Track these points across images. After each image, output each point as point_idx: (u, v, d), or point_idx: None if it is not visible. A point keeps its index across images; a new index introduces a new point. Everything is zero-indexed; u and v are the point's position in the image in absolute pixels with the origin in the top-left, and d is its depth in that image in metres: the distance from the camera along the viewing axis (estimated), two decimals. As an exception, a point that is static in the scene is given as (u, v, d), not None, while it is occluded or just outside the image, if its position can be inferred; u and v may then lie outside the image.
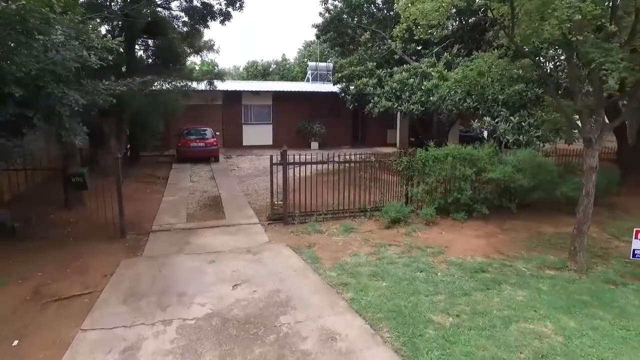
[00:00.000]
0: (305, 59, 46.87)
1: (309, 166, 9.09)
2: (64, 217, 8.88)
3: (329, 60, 30.66)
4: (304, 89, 22.22)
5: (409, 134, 21.59)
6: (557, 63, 11.35)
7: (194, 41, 17.54)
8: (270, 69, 48.31)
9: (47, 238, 7.50)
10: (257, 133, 22.03)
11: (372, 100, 14.19)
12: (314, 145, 22.29)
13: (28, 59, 5.40)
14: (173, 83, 15.36)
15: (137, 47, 15.12)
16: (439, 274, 6.03)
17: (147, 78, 8.91)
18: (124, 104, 11.62)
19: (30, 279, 5.79)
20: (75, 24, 6.47)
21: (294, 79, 44.12)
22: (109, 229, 7.92)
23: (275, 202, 8.71)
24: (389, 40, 16.12)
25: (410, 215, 8.77)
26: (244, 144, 21.88)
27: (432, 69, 13.47)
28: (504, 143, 10.94)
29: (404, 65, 14.78)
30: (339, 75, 16.11)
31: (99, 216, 8.40)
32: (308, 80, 26.57)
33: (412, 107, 13.35)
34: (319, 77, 25.98)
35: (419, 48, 16.35)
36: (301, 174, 9.34)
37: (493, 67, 7.42)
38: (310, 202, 8.88)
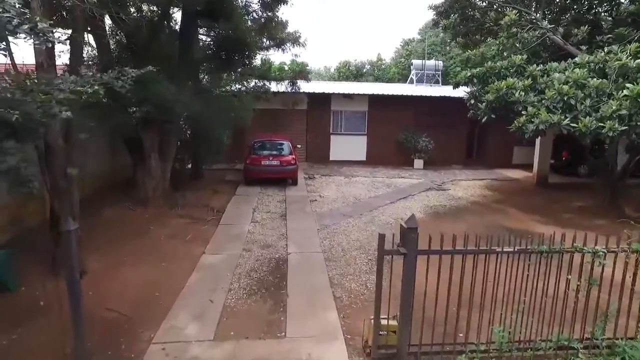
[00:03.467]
0: (403, 59, 42.07)
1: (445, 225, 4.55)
2: (34, 298, 5.44)
3: (436, 58, 25.65)
4: (408, 93, 17.64)
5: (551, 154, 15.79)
6: None
7: (275, 31, 14.02)
8: (364, 70, 44.15)
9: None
10: (348, 145, 17.91)
11: (524, 112, 9.21)
12: (418, 163, 17.62)
13: None
14: (242, 82, 11.93)
15: (202, 37, 11.84)
16: None
17: (146, 69, 5.05)
18: (166, 110, 8.17)
19: None
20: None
21: (390, 80, 39.52)
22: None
23: (385, 320, 4.32)
24: (544, 23, 11.01)
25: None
26: (331, 158, 17.90)
27: None
28: None
29: (576, 58, 9.60)
30: (467, 74, 11.29)
31: (88, 299, 4.81)
32: (412, 82, 21.87)
33: (598, 124, 8.14)
34: (424, 79, 21.17)
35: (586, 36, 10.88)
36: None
37: None
38: (453, 309, 4.34)
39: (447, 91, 18.80)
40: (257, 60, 11.66)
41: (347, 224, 9.15)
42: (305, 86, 15.55)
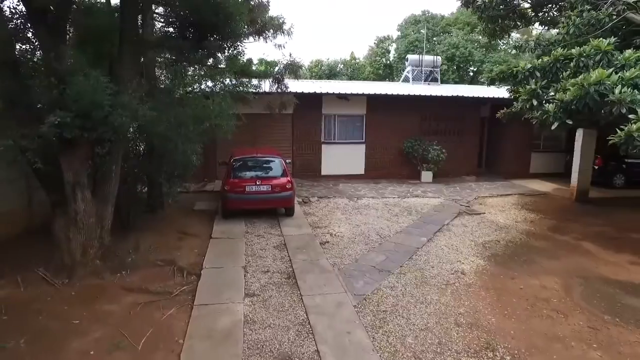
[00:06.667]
0: (378, 58, 39.67)
1: None
2: None
3: (434, 53, 23.03)
4: (415, 92, 14.72)
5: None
6: None
7: (255, 14, 10.76)
8: (338, 69, 41.30)
9: None
10: (343, 157, 14.78)
11: (632, 117, 6.40)
12: (426, 176, 14.77)
13: None
14: (217, 79, 8.62)
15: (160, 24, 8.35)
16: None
17: None
18: (99, 121, 4.73)
19: None
20: None
21: (365, 79, 36.93)
22: None
23: None
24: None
25: None
26: (324, 172, 14.70)
27: None
28: None
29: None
30: (526, 65, 8.44)
31: None
32: (407, 80, 19.02)
33: None
34: (422, 76, 18.35)
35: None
36: None
37: None
38: None
39: (451, 90, 16.11)
40: (244, 45, 8.22)
41: (392, 291, 5.99)
42: (293, 85, 12.31)
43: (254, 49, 57.89)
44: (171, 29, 6.54)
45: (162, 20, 7.31)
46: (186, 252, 7.31)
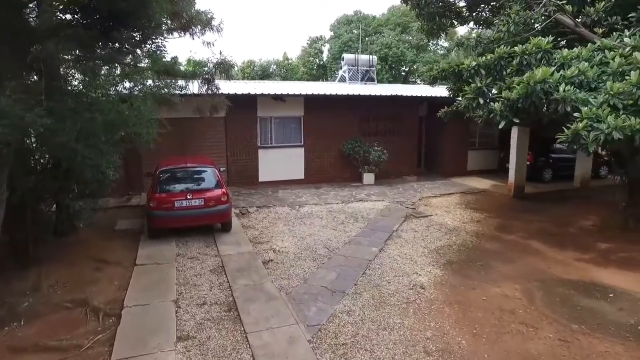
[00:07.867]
0: (312, 58, 39.36)
1: None
2: None
3: (368, 52, 22.82)
4: (354, 92, 14.24)
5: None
6: None
7: (180, 7, 9.72)
8: (271, 70, 40.29)
9: None
10: (282, 161, 13.93)
11: (576, 115, 6.26)
12: (368, 178, 14.38)
13: None
14: (140, 80, 7.46)
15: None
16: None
17: None
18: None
19: None
20: None
21: (299, 80, 36.37)
22: None
23: None
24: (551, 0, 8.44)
25: None
26: (261, 179, 13.75)
27: None
28: None
29: (627, 39, 7.07)
30: (471, 63, 8.18)
31: None
32: (343, 80, 18.58)
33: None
34: (359, 76, 18.00)
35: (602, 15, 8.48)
36: None
37: None
38: None
39: (389, 90, 15.91)
40: (165, 40, 7.12)
41: (350, 317, 5.29)
42: (225, 86, 11.29)
43: (180, 48, 55.02)
44: (69, 16, 5.32)
45: (57, 3, 5.98)
46: (104, 287, 6.10)
